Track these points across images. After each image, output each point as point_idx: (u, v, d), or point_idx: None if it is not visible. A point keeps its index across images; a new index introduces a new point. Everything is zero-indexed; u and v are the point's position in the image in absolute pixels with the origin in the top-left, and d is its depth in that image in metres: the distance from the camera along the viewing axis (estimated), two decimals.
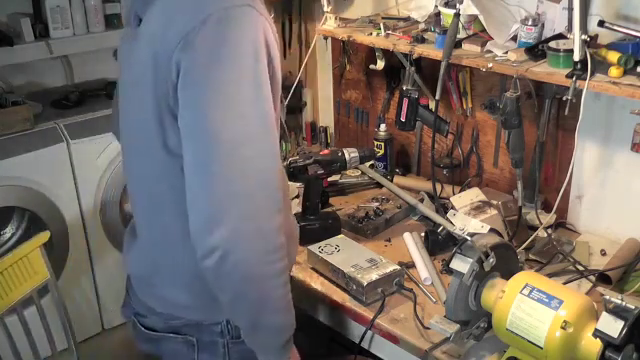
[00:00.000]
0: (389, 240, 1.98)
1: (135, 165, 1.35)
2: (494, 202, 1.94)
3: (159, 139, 1.21)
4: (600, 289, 1.68)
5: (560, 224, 2.00)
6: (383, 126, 2.33)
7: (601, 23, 1.64)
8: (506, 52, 1.80)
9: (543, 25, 1.82)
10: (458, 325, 1.42)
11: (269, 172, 1.17)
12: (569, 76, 1.63)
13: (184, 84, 1.13)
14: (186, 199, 1.17)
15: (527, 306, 1.30)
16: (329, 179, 2.13)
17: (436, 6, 1.96)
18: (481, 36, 1.89)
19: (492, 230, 1.73)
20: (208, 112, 1.12)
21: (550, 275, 1.70)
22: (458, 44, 1.89)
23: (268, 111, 1.16)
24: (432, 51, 1.92)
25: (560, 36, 1.75)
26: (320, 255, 1.78)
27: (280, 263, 1.20)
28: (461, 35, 1.90)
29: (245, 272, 1.16)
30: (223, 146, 1.12)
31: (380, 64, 2.24)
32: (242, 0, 1.14)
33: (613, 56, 1.61)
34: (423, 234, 1.93)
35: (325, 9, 2.22)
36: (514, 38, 1.85)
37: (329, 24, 2.23)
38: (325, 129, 2.70)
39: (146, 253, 1.39)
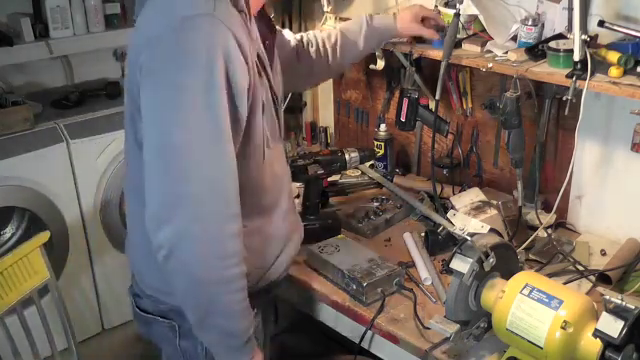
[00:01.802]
0: (389, 240, 1.98)
1: (125, 158, 1.41)
2: (494, 202, 1.94)
3: (132, 134, 1.28)
4: (600, 289, 1.67)
5: (560, 224, 2.00)
6: (383, 126, 2.33)
7: (601, 23, 1.64)
8: (506, 52, 1.80)
9: (543, 25, 1.82)
10: (458, 325, 1.42)
11: (219, 178, 1.19)
12: (569, 76, 1.63)
13: (143, 85, 1.19)
14: None
15: (527, 306, 1.30)
16: (329, 179, 2.13)
17: (436, 6, 1.96)
18: (481, 36, 1.89)
19: (492, 230, 1.73)
20: (159, 114, 1.17)
21: (550, 275, 1.70)
22: (458, 44, 1.89)
23: (221, 119, 1.18)
24: (432, 51, 1.92)
25: (560, 36, 1.75)
26: (320, 255, 1.78)
27: (232, 270, 1.22)
28: (461, 35, 1.90)
29: (190, 273, 1.19)
30: (171, 149, 1.16)
31: (380, 64, 2.23)
32: (206, 10, 1.17)
33: (613, 56, 1.61)
34: (423, 234, 1.93)
35: (325, 9, 2.22)
36: (514, 38, 1.85)
37: (329, 24, 2.23)
38: (325, 129, 2.70)
39: (134, 240, 1.44)
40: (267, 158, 1.36)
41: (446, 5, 1.91)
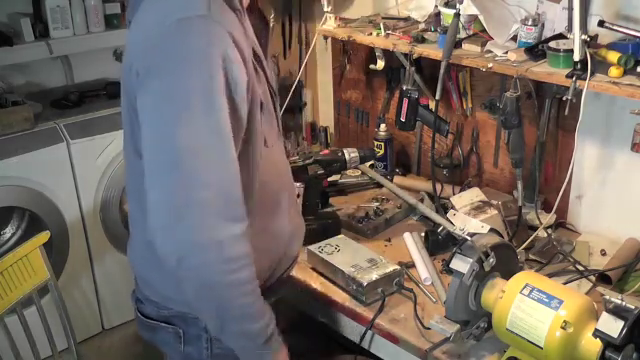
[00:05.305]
0: (389, 240, 1.98)
1: (125, 159, 1.39)
2: (494, 202, 1.94)
3: (131, 140, 1.25)
4: (600, 289, 1.68)
5: (560, 224, 2.00)
6: (383, 126, 2.33)
7: (601, 23, 1.65)
8: (506, 52, 1.80)
9: (543, 25, 1.82)
10: (458, 325, 1.42)
11: (224, 182, 1.17)
12: (569, 76, 1.63)
13: (140, 91, 1.16)
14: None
15: (527, 306, 1.30)
16: (329, 179, 2.13)
17: (436, 6, 1.96)
18: (481, 36, 1.89)
19: (492, 230, 1.74)
20: (157, 120, 1.14)
21: (550, 275, 1.69)
22: (458, 44, 1.89)
23: (222, 122, 1.15)
24: (432, 51, 1.92)
25: (560, 36, 1.75)
26: (320, 255, 1.78)
27: (241, 273, 1.19)
28: (461, 35, 1.90)
29: (201, 280, 1.17)
30: (174, 156, 1.13)
31: (380, 64, 2.23)
32: (201, 11, 1.14)
33: (613, 56, 1.61)
34: (423, 234, 1.93)
35: (325, 9, 2.22)
36: (514, 38, 1.85)
37: (329, 24, 2.23)
38: (325, 129, 2.70)
39: (136, 244, 1.42)
40: (267, 156, 1.35)
41: (446, 5, 1.91)
